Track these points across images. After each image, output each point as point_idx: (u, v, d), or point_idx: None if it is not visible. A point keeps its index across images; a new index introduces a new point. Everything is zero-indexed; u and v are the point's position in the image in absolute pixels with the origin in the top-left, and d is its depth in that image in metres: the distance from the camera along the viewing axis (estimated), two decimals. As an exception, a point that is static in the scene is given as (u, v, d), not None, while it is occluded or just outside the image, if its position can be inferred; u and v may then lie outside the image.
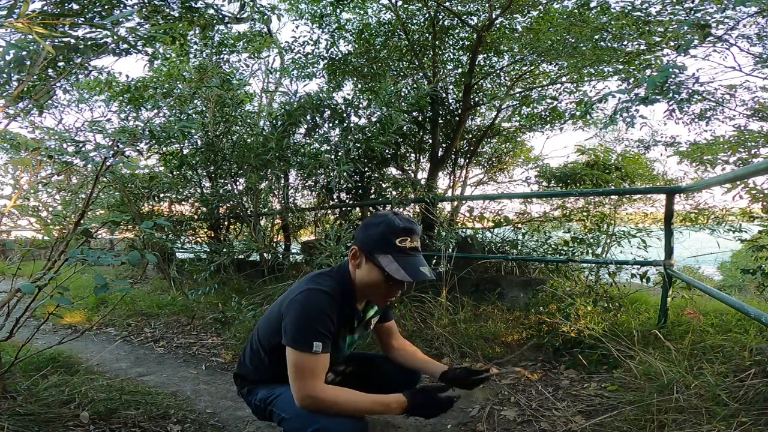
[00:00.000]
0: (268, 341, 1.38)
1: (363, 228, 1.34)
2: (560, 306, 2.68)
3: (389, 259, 1.23)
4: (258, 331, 1.46)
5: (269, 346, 1.38)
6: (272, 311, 1.41)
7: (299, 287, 1.32)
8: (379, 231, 1.26)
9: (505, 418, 1.90)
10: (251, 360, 1.47)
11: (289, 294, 1.34)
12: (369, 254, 1.27)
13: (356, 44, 5.12)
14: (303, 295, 1.26)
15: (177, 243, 5.13)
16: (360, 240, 1.31)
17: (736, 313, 2.25)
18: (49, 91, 2.51)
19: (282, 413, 1.28)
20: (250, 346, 1.49)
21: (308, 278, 1.35)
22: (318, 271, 1.39)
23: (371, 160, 4.10)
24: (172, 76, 5.09)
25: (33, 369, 2.19)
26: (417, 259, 1.27)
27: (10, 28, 1.34)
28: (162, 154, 5.13)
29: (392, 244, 1.24)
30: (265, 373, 1.43)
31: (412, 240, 1.27)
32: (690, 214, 3.94)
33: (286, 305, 1.28)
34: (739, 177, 2.25)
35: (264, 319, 1.46)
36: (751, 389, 1.55)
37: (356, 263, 1.31)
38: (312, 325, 1.21)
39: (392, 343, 1.62)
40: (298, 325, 1.22)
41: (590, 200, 4.16)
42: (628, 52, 3.74)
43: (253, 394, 1.44)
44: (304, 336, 1.21)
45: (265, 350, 1.40)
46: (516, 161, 6.44)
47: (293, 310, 1.25)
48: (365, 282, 1.30)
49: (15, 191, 1.91)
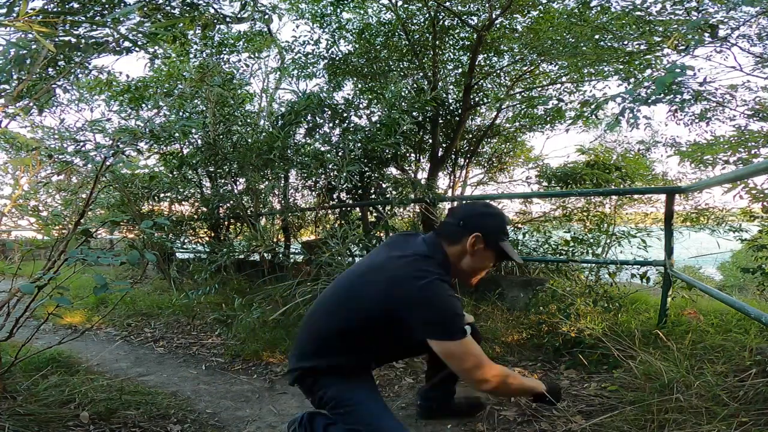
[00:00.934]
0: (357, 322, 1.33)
1: (477, 217, 1.43)
2: (560, 306, 2.68)
3: (508, 245, 1.41)
4: (331, 316, 1.40)
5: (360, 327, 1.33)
6: (357, 295, 1.35)
7: (411, 276, 1.26)
8: (498, 222, 1.44)
9: (505, 418, 1.90)
10: (318, 351, 1.40)
11: (393, 282, 1.28)
12: (492, 242, 1.39)
13: (356, 44, 5.12)
14: (433, 286, 1.24)
15: (177, 243, 5.13)
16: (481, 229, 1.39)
17: (736, 313, 2.25)
18: (49, 91, 2.50)
19: (358, 426, 1.28)
20: (318, 336, 1.42)
21: (414, 264, 1.30)
22: (416, 255, 1.34)
23: (371, 160, 4.10)
24: (173, 75, 5.09)
25: (33, 369, 2.19)
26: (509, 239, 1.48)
27: (10, 27, 1.34)
28: (162, 154, 5.12)
29: (507, 233, 1.47)
30: (338, 360, 1.37)
31: (510, 226, 1.51)
32: (690, 214, 3.94)
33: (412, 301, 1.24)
34: (740, 177, 2.25)
35: (336, 305, 1.41)
36: (751, 389, 1.55)
37: (473, 249, 1.39)
38: (456, 311, 1.26)
39: None
40: (443, 315, 1.24)
41: (590, 200, 4.16)
42: (628, 51, 3.74)
43: (321, 387, 1.37)
44: (454, 324, 1.24)
45: (353, 331, 1.34)
46: (516, 161, 6.45)
47: (430, 304, 1.23)
48: (476, 266, 1.42)
49: (15, 191, 1.91)
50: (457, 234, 1.40)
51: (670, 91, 1.97)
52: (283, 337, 2.88)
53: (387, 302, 1.27)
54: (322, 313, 1.45)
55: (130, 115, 4.83)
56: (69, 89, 4.96)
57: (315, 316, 1.48)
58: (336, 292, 1.47)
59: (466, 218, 1.42)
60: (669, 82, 1.65)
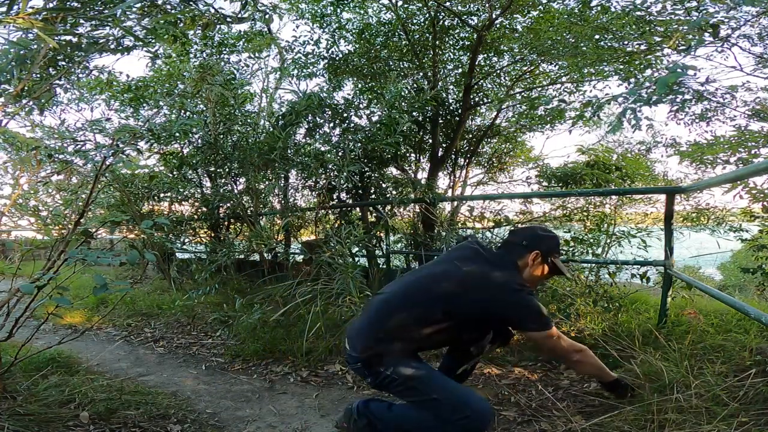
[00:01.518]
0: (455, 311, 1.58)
1: (537, 238, 1.74)
2: (560, 306, 2.67)
3: (560, 261, 1.73)
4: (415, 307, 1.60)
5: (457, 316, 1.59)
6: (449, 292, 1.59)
7: (506, 283, 1.59)
8: (554, 242, 1.76)
9: (505, 418, 1.90)
10: (393, 335, 1.57)
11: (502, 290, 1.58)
12: (549, 257, 1.71)
13: (357, 44, 5.12)
14: (522, 294, 1.58)
15: (177, 243, 5.13)
16: (541, 247, 1.71)
17: (736, 313, 2.24)
18: (50, 90, 2.50)
19: (433, 394, 1.49)
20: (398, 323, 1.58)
21: (512, 277, 1.63)
22: (509, 269, 1.66)
23: (371, 160, 4.10)
24: (173, 75, 5.09)
25: (33, 369, 2.19)
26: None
27: (10, 24, 1.33)
28: (162, 154, 5.12)
29: (560, 251, 1.78)
30: (410, 344, 1.59)
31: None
32: (691, 214, 3.94)
33: (508, 305, 1.58)
34: (740, 177, 2.25)
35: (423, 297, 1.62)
36: (751, 389, 1.55)
37: (534, 263, 1.71)
38: (541, 310, 1.59)
39: None
40: (536, 314, 1.58)
41: (590, 200, 4.16)
42: (628, 51, 3.74)
43: (387, 366, 1.54)
44: (543, 318, 1.58)
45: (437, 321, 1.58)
46: (516, 161, 6.45)
47: (524, 307, 1.58)
48: (536, 277, 1.73)
49: (15, 191, 1.91)
50: (522, 251, 1.72)
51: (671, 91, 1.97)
52: (283, 337, 2.88)
53: (494, 305, 1.58)
54: (404, 304, 1.64)
55: (131, 114, 4.83)
56: (69, 89, 4.95)
57: (392, 306, 1.64)
58: (420, 285, 1.68)
59: (528, 238, 1.75)
60: (671, 83, 1.64)
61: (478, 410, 1.46)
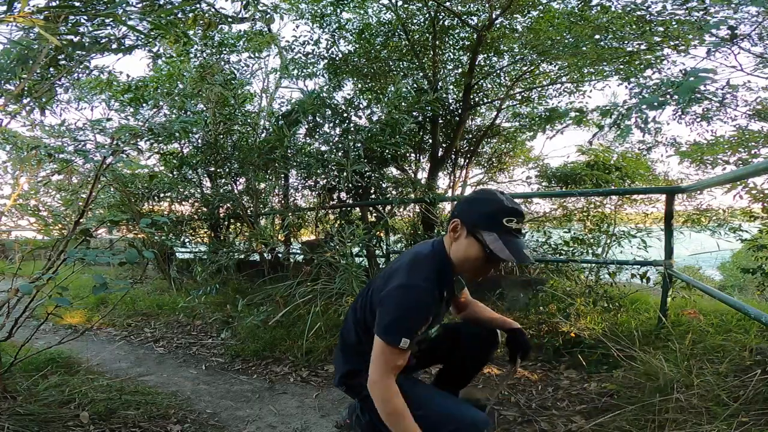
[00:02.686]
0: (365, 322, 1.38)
1: (467, 202, 1.32)
2: (560, 306, 2.68)
3: (494, 237, 1.22)
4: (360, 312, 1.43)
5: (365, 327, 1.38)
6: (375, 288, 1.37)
7: (400, 275, 1.28)
8: (486, 208, 1.25)
9: (506, 418, 1.90)
10: (357, 349, 1.42)
11: (390, 278, 1.30)
12: (472, 229, 1.26)
13: (356, 44, 5.12)
14: (402, 291, 1.24)
15: (177, 243, 5.13)
16: (464, 214, 1.29)
17: (736, 313, 2.24)
18: (51, 89, 2.50)
19: (417, 411, 1.24)
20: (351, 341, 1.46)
21: (409, 265, 1.30)
22: (417, 251, 1.35)
23: (372, 160, 4.10)
24: (173, 75, 5.09)
25: (33, 369, 2.19)
26: (520, 242, 1.24)
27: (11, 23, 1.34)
28: (162, 153, 5.12)
29: (499, 223, 1.23)
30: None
31: (518, 222, 1.25)
32: (691, 214, 3.93)
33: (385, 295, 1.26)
34: (740, 177, 2.25)
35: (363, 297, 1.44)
36: (751, 389, 1.55)
37: (455, 236, 1.30)
38: (405, 324, 1.22)
39: (463, 305, 1.65)
40: (391, 318, 1.23)
41: (591, 200, 4.16)
42: (629, 51, 3.73)
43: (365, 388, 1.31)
44: (396, 331, 1.22)
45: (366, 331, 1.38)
46: (516, 161, 6.45)
47: (391, 304, 1.25)
48: (461, 256, 1.29)
49: (15, 191, 1.91)
50: (450, 224, 1.32)
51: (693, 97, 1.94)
52: (283, 337, 2.88)
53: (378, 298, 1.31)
54: (352, 318, 1.48)
55: (131, 114, 4.83)
56: (70, 88, 4.95)
57: (348, 322, 1.50)
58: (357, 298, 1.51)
59: (459, 203, 1.35)
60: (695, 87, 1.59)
61: (465, 422, 1.27)
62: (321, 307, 2.84)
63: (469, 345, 1.59)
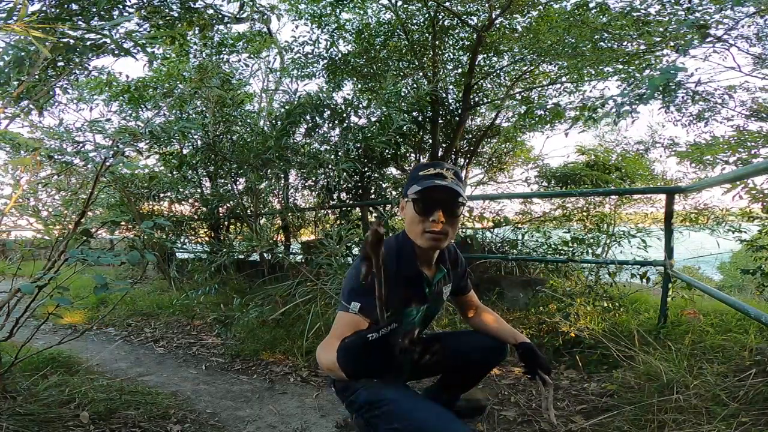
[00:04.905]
0: None
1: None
2: (560, 306, 2.68)
3: (414, 188, 1.27)
4: None
5: None
6: None
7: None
8: (414, 173, 1.34)
9: (506, 418, 1.90)
10: None
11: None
12: (405, 195, 1.33)
13: (356, 44, 5.12)
14: (355, 265, 1.31)
15: (177, 243, 5.13)
16: (403, 192, 1.37)
17: (736, 313, 2.25)
18: (49, 92, 2.50)
19: (395, 423, 1.21)
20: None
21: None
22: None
23: (371, 160, 4.10)
24: (172, 76, 5.09)
25: (33, 369, 2.19)
26: (435, 179, 1.27)
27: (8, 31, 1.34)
28: (162, 154, 5.12)
29: (417, 176, 1.30)
30: None
31: (434, 169, 1.30)
32: (690, 214, 3.94)
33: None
34: (739, 177, 2.25)
35: None
36: (751, 389, 1.55)
37: (402, 211, 1.37)
38: (353, 287, 1.24)
39: (470, 314, 1.70)
40: (343, 288, 1.29)
41: (590, 200, 4.16)
42: (627, 52, 3.74)
43: (353, 392, 1.31)
44: (347, 297, 1.24)
45: None
46: (516, 161, 6.46)
47: (346, 277, 1.31)
48: (407, 225, 1.34)
49: (15, 191, 1.91)
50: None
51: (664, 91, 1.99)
52: (283, 337, 2.88)
53: None
54: None
55: (130, 115, 4.83)
56: (68, 90, 4.95)
57: None
58: None
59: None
60: (661, 83, 1.66)
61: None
62: (321, 307, 2.84)
63: (477, 354, 1.58)
